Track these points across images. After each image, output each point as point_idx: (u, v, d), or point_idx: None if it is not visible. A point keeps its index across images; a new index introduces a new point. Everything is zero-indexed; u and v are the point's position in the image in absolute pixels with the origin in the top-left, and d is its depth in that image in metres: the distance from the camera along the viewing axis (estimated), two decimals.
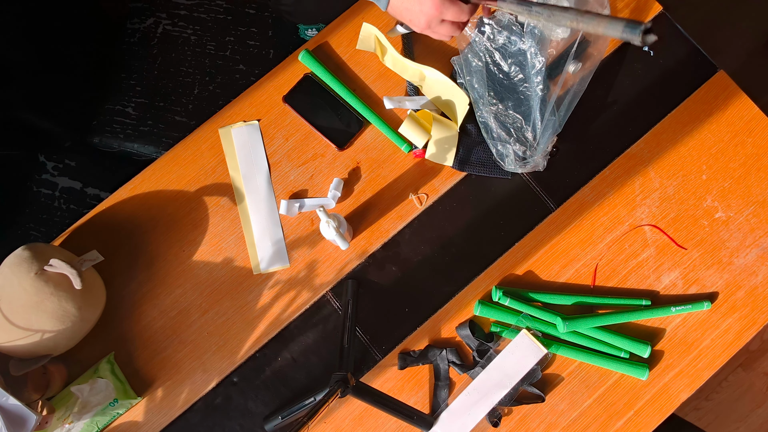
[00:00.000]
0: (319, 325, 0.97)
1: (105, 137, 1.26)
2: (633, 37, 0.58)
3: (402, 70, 1.03)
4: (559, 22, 0.66)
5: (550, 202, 1.00)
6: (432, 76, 1.00)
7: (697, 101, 1.02)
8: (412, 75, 1.02)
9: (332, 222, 0.87)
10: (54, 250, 0.91)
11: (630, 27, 0.58)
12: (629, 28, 0.58)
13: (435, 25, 0.77)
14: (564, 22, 0.66)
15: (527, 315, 0.95)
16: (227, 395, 0.96)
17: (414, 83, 1.03)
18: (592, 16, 0.63)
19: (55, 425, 0.90)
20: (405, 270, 0.99)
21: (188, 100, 1.26)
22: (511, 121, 0.99)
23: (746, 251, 0.98)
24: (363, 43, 1.04)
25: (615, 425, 0.94)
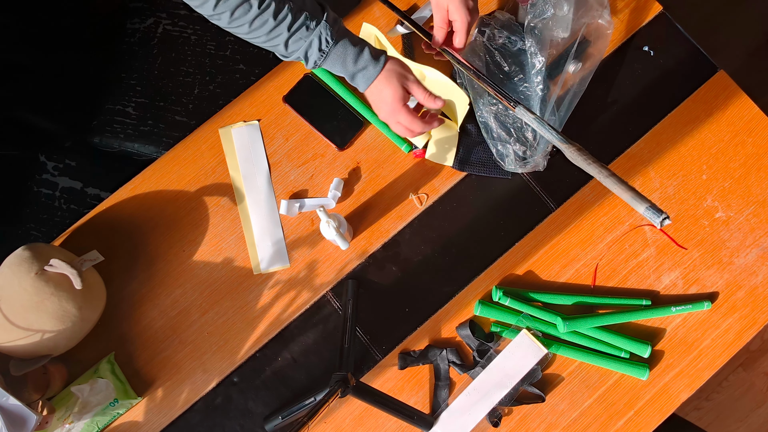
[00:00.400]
0: (320, 325, 0.97)
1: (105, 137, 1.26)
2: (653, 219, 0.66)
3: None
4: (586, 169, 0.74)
5: (550, 202, 1.00)
6: (432, 77, 1.00)
7: (697, 101, 1.02)
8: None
9: (332, 222, 0.87)
10: (54, 250, 0.91)
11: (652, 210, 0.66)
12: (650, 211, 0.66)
13: (392, 122, 0.88)
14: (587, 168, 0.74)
15: (527, 315, 0.95)
16: (227, 395, 0.96)
17: None
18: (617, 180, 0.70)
19: (56, 425, 0.90)
20: (405, 270, 0.99)
21: (188, 99, 1.26)
22: (511, 121, 0.99)
23: (746, 251, 0.98)
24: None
25: (615, 425, 0.94)
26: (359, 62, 0.82)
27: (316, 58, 0.80)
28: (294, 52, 0.80)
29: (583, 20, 1.00)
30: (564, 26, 1.00)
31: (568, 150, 0.75)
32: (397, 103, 0.84)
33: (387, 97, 0.84)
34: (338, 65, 0.82)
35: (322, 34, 0.78)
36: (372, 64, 0.82)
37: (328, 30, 0.79)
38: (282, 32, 0.77)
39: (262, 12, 0.75)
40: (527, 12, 1.00)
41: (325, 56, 0.81)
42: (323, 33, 0.79)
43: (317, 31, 0.78)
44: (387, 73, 0.83)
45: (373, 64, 0.82)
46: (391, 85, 0.83)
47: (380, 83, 0.83)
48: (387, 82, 0.83)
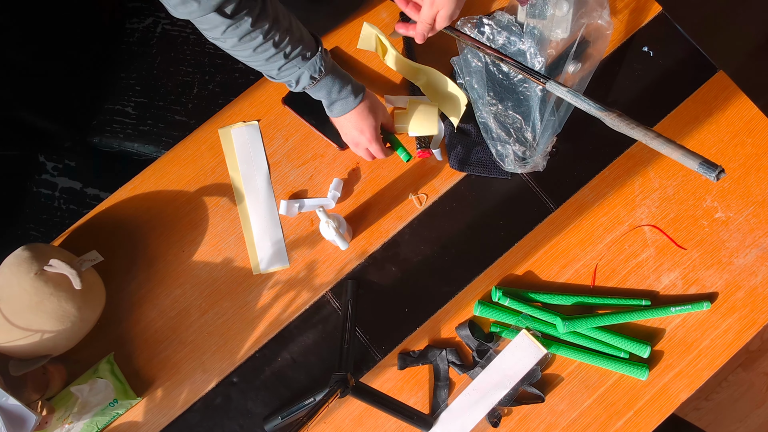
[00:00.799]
0: (319, 326, 0.97)
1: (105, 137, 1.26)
2: (708, 175, 0.66)
3: (402, 69, 1.03)
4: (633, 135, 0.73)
5: (549, 202, 1.00)
6: (432, 76, 1.00)
7: (696, 102, 1.02)
8: (412, 74, 1.02)
9: (332, 222, 0.87)
10: (54, 250, 0.91)
11: (706, 165, 0.66)
12: (704, 167, 0.66)
13: (361, 148, 0.94)
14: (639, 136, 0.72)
15: (527, 315, 0.95)
16: (227, 395, 0.96)
17: (414, 83, 1.03)
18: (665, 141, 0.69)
19: (55, 425, 0.90)
20: (405, 270, 0.99)
21: (188, 99, 1.26)
22: (511, 122, 0.99)
23: (746, 251, 0.98)
24: (364, 42, 1.04)
25: (615, 425, 0.94)
26: (342, 93, 0.88)
27: (306, 85, 0.86)
28: (285, 77, 0.85)
29: (582, 21, 1.00)
30: (563, 27, 1.00)
31: (608, 118, 0.74)
32: (375, 133, 0.92)
33: (367, 128, 0.91)
34: (323, 92, 0.88)
35: (316, 65, 0.84)
36: (352, 97, 0.89)
37: (321, 62, 0.84)
38: (279, 60, 0.81)
39: (266, 42, 0.78)
40: (527, 12, 1.01)
41: (315, 84, 0.86)
42: (317, 64, 0.84)
43: (312, 62, 0.83)
44: (364, 107, 0.90)
45: (353, 97, 0.89)
46: (371, 116, 0.91)
47: (360, 113, 0.90)
48: (368, 113, 0.90)
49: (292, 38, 0.81)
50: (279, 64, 0.82)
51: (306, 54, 0.83)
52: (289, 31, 0.81)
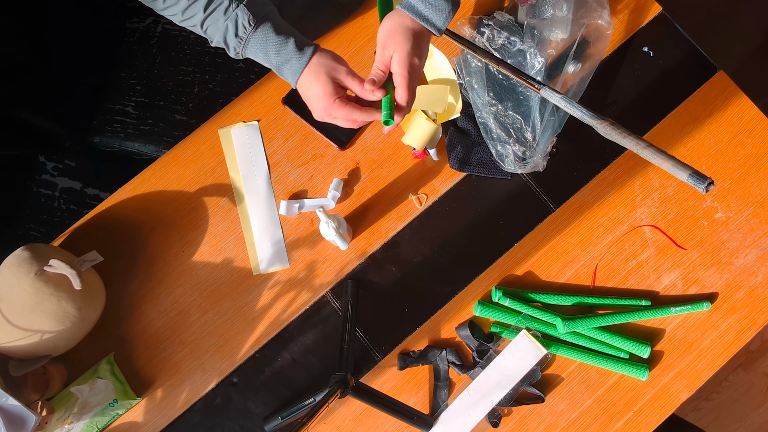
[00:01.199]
0: (319, 326, 0.97)
1: (105, 137, 1.26)
2: (698, 186, 0.66)
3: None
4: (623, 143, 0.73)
5: (549, 202, 1.00)
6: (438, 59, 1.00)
7: (696, 102, 1.02)
8: None
9: (332, 222, 0.87)
10: (54, 250, 0.91)
11: (695, 177, 0.66)
12: (694, 178, 0.66)
13: (327, 119, 0.78)
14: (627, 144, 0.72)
15: (527, 315, 0.95)
16: (227, 396, 0.96)
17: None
18: (656, 150, 0.69)
19: (55, 426, 0.90)
20: (405, 270, 0.99)
21: (188, 98, 1.26)
22: (511, 122, 0.99)
23: (746, 251, 0.98)
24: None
25: (615, 425, 0.94)
26: (282, 53, 0.74)
27: (235, 45, 0.74)
28: (213, 36, 0.75)
29: (582, 21, 1.00)
30: (563, 27, 1.00)
31: (600, 126, 0.74)
32: (328, 99, 0.75)
33: (316, 93, 0.75)
34: (260, 55, 0.75)
35: (238, 18, 0.72)
36: (296, 57, 0.74)
37: (246, 13, 0.72)
38: (197, 11, 0.73)
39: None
40: (527, 13, 1.01)
41: (244, 43, 0.74)
42: (240, 16, 0.72)
43: (233, 14, 0.72)
44: (314, 66, 0.75)
45: (297, 56, 0.74)
46: (320, 79, 0.74)
47: (307, 77, 0.75)
48: (315, 77, 0.75)
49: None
50: (198, 18, 0.73)
51: (228, 4, 0.72)
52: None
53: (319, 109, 0.77)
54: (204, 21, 0.74)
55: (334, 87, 0.75)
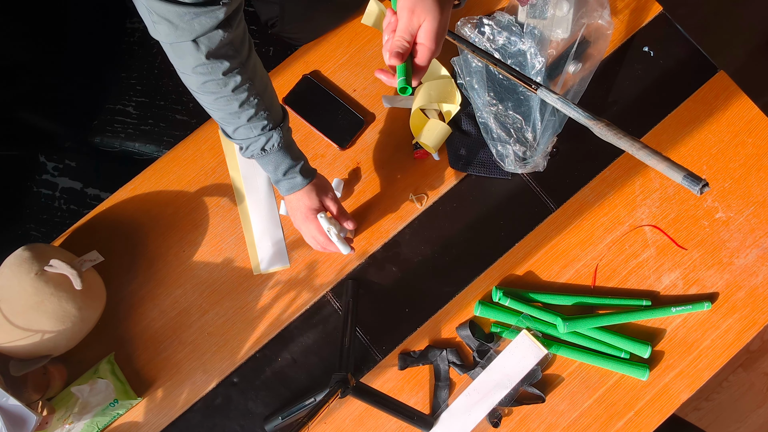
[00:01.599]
0: (319, 326, 0.97)
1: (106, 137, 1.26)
2: (692, 188, 0.66)
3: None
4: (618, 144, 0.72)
5: (550, 202, 1.00)
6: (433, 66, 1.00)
7: (697, 102, 1.02)
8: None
9: (333, 229, 0.88)
10: (54, 250, 0.91)
11: (690, 179, 0.65)
12: (688, 180, 0.65)
13: (303, 228, 0.91)
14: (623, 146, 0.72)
15: (527, 315, 0.95)
16: (227, 396, 0.96)
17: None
18: (650, 152, 0.69)
19: (56, 426, 0.90)
20: (405, 270, 0.99)
21: (189, 98, 1.26)
22: (511, 122, 0.99)
23: (746, 252, 0.98)
24: (368, 17, 1.03)
25: (615, 426, 0.94)
26: (289, 174, 0.86)
27: (254, 153, 0.83)
28: (238, 139, 0.82)
29: (582, 21, 1.00)
30: (564, 27, 1.00)
31: (596, 127, 0.74)
32: (309, 213, 0.88)
33: (302, 206, 0.88)
34: (270, 167, 0.85)
35: (273, 138, 0.81)
36: (301, 179, 0.86)
37: (281, 136, 0.82)
38: (240, 121, 0.79)
39: (233, 95, 0.76)
40: (527, 13, 1.01)
41: (263, 155, 0.83)
42: (275, 137, 0.81)
43: (271, 134, 0.81)
44: (310, 187, 0.88)
45: (302, 179, 0.87)
46: (309, 197, 0.88)
47: (301, 194, 0.88)
48: (307, 195, 0.88)
49: (261, 103, 0.78)
50: (237, 124, 0.79)
51: (268, 124, 0.80)
52: (260, 95, 0.78)
53: (300, 218, 0.90)
54: (239, 127, 0.80)
55: (318, 204, 0.88)
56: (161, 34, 0.68)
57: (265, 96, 0.79)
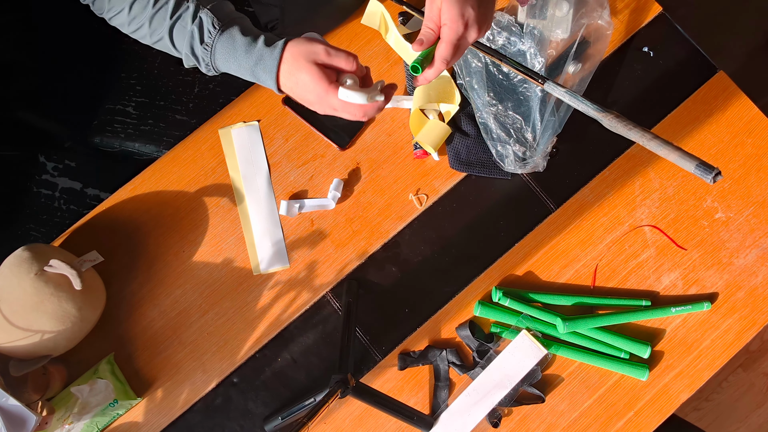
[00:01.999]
0: (319, 326, 0.97)
1: (106, 137, 1.26)
2: (705, 177, 0.65)
3: (402, 51, 1.03)
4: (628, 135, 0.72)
5: (549, 202, 1.00)
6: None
7: (696, 102, 1.02)
8: (411, 58, 1.02)
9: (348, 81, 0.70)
10: (54, 250, 0.91)
11: (702, 168, 0.65)
12: (701, 169, 0.66)
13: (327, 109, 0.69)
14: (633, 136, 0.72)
15: (527, 315, 0.95)
16: (227, 396, 0.96)
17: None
18: (662, 142, 0.69)
19: (55, 426, 0.90)
20: (405, 270, 0.99)
21: (189, 98, 1.26)
22: (511, 122, 0.99)
23: (746, 252, 0.98)
24: (368, 18, 1.03)
25: (615, 426, 0.94)
26: (252, 53, 0.68)
27: (203, 54, 0.69)
28: (181, 47, 0.70)
29: (582, 21, 1.00)
30: (563, 27, 1.00)
31: (605, 119, 0.74)
32: (320, 85, 0.67)
33: (305, 84, 0.67)
34: (231, 61, 0.68)
35: (204, 22, 0.67)
36: (267, 53, 0.68)
37: (210, 17, 0.67)
38: (165, 21, 0.68)
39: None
40: (527, 13, 1.01)
41: (210, 50, 0.68)
42: (205, 20, 0.67)
43: (199, 18, 0.68)
44: (290, 57, 0.68)
45: (269, 51, 0.68)
46: (302, 67, 0.67)
47: (288, 72, 0.68)
48: (296, 68, 0.67)
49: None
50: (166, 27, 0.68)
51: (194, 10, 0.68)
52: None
53: (316, 100, 0.68)
54: (172, 29, 0.70)
55: (320, 71, 0.67)
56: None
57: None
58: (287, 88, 0.70)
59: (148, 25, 0.71)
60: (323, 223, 1.00)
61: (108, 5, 0.72)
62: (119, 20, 0.74)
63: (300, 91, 0.69)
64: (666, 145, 0.68)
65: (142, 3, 0.70)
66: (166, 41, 0.71)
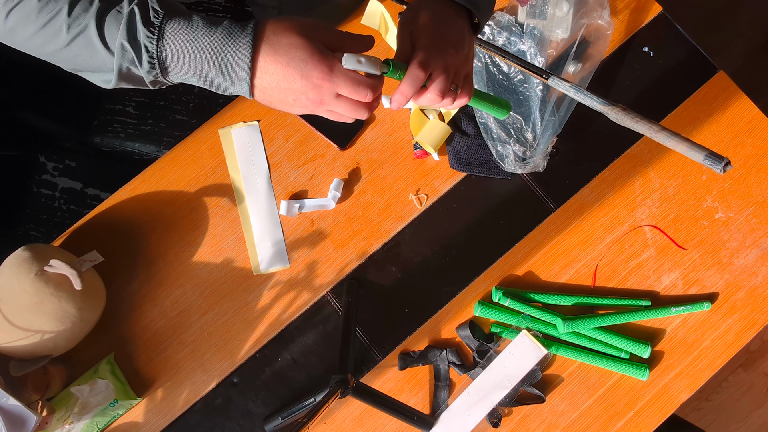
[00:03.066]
0: (319, 326, 0.97)
1: (106, 137, 1.26)
2: (714, 167, 0.64)
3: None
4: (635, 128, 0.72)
5: (550, 202, 1.00)
6: None
7: (696, 102, 1.02)
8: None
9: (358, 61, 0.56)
10: (54, 250, 0.91)
11: (711, 158, 0.65)
12: (710, 159, 0.65)
13: (327, 98, 0.54)
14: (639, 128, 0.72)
15: (527, 315, 0.95)
16: (227, 396, 0.96)
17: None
18: (670, 134, 0.69)
19: (55, 426, 0.90)
20: (405, 270, 0.99)
21: (189, 98, 1.26)
22: (511, 122, 0.99)
23: (746, 252, 0.98)
24: (368, 18, 1.03)
25: (615, 426, 0.94)
26: (216, 31, 0.52)
27: (146, 40, 0.51)
28: (117, 39, 0.53)
29: (582, 21, 1.00)
30: (563, 27, 1.00)
31: (611, 112, 0.74)
32: (322, 61, 0.52)
33: (302, 60, 0.51)
34: (186, 48, 0.51)
35: (148, 3, 0.52)
36: (238, 28, 0.52)
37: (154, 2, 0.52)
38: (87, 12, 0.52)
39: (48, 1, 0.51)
40: (527, 13, 1.01)
41: (158, 36, 0.51)
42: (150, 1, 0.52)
43: (131, 7, 0.52)
44: (277, 30, 0.52)
45: (240, 27, 0.52)
46: (297, 42, 0.52)
47: (273, 48, 0.52)
48: (287, 41, 0.52)
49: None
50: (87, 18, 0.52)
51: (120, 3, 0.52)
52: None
53: (310, 88, 0.52)
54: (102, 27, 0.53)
55: (317, 45, 0.52)
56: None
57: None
58: (265, 83, 0.53)
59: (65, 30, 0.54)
60: (323, 223, 1.00)
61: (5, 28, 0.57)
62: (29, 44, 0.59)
63: (288, 76, 0.52)
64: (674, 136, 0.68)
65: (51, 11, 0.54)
66: (90, 33, 0.53)
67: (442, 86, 0.57)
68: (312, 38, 0.52)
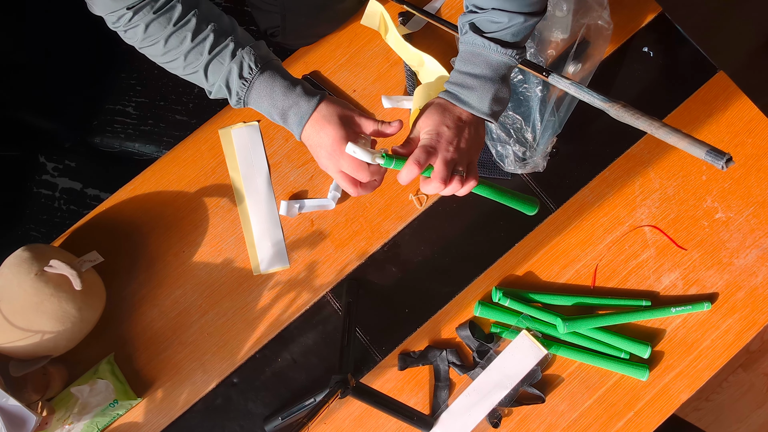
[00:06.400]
0: (319, 326, 0.97)
1: (106, 137, 1.26)
2: (716, 163, 0.65)
3: (402, 51, 1.03)
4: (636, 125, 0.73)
5: (549, 202, 1.00)
6: (430, 65, 1.00)
7: (696, 102, 1.02)
8: (411, 58, 1.02)
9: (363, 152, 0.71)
10: (54, 250, 0.91)
11: (713, 153, 0.65)
12: (712, 155, 0.65)
13: (333, 170, 0.74)
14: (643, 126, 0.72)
15: (527, 316, 0.95)
16: (227, 396, 0.96)
17: (412, 68, 1.03)
18: (671, 130, 0.69)
19: (55, 426, 0.90)
20: (405, 271, 0.99)
21: (189, 98, 1.26)
22: (511, 122, 0.99)
23: (746, 252, 0.98)
24: (368, 18, 1.03)
25: (615, 426, 0.94)
26: (290, 96, 0.71)
27: (238, 88, 0.71)
28: (215, 80, 0.73)
29: (582, 21, 1.00)
30: (563, 27, 1.00)
31: (612, 109, 0.74)
32: (338, 145, 0.71)
33: (325, 140, 0.71)
34: (265, 99, 0.72)
35: (244, 59, 0.70)
36: (304, 100, 0.71)
37: (252, 55, 0.71)
38: (203, 57, 0.70)
39: (179, 28, 0.69)
40: None
41: (248, 86, 0.71)
42: (246, 58, 0.71)
43: (239, 55, 0.71)
44: (324, 110, 0.72)
45: (306, 99, 0.72)
46: (331, 122, 0.71)
47: (316, 124, 0.72)
48: (325, 121, 0.71)
49: (218, 28, 0.70)
50: (203, 61, 0.70)
51: (236, 48, 0.70)
52: (214, 21, 0.71)
53: (326, 156, 0.72)
54: (208, 65, 0.71)
55: (344, 132, 0.71)
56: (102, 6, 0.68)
57: (221, 22, 0.71)
58: (307, 136, 0.74)
59: (183, 59, 0.72)
60: (323, 224, 1.00)
61: (143, 35, 0.71)
62: (153, 51, 0.74)
63: (318, 143, 0.73)
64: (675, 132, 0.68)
65: (179, 37, 0.70)
66: (199, 74, 0.73)
67: (443, 176, 0.70)
68: (344, 125, 0.71)
